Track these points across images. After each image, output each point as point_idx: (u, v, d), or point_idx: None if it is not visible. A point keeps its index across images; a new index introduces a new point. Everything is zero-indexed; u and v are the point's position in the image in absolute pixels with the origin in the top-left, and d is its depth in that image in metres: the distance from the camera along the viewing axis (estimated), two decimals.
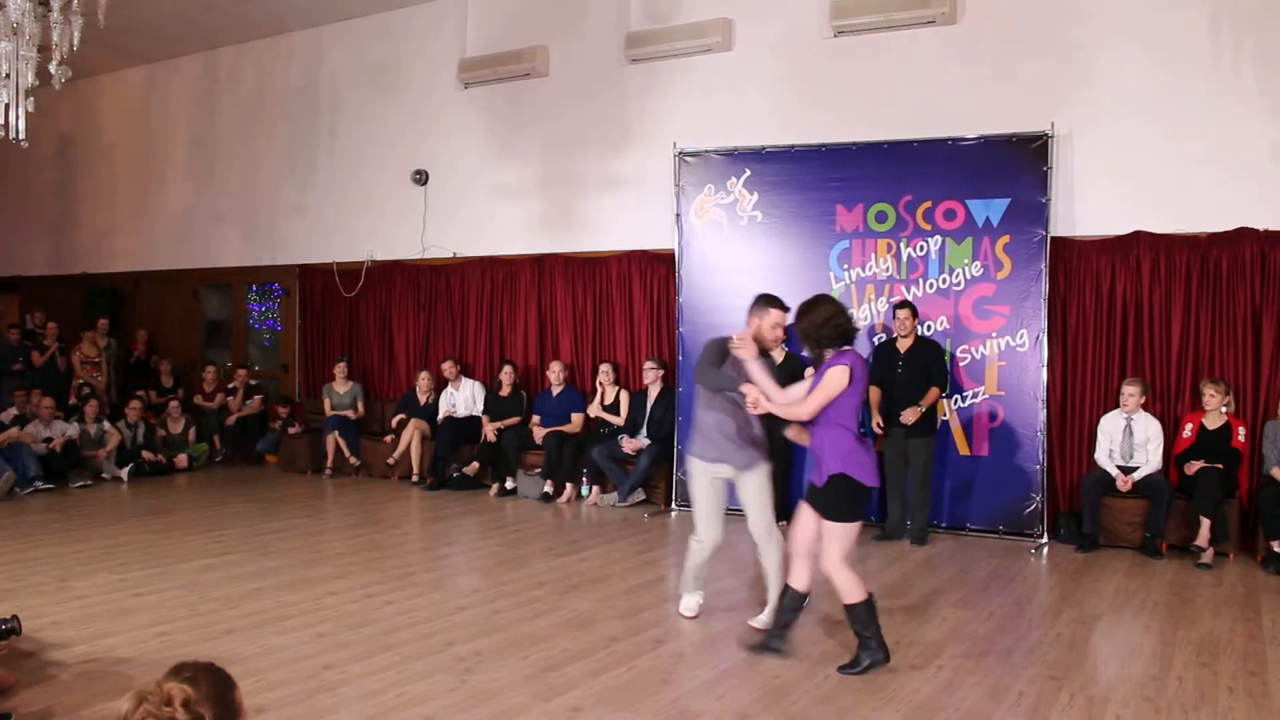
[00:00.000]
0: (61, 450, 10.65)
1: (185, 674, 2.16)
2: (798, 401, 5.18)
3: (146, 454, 11.51)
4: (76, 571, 6.87)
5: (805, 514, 5.20)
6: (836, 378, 5.01)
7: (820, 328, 5.16)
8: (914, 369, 8.30)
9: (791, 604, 5.23)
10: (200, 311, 14.42)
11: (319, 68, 12.96)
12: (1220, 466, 7.60)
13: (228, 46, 13.69)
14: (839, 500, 5.00)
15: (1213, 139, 8.09)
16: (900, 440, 8.34)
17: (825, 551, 5.03)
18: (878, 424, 8.54)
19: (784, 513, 8.95)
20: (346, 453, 11.62)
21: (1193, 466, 7.69)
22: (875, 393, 8.51)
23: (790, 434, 5.53)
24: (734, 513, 5.90)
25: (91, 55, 12.53)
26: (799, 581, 5.20)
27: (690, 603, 5.98)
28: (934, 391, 8.28)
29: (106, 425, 11.35)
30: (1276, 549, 7.31)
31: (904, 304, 8.46)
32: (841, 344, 5.15)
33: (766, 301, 5.74)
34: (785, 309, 5.74)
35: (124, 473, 11.12)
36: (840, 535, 5.01)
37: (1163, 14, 8.27)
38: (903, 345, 8.40)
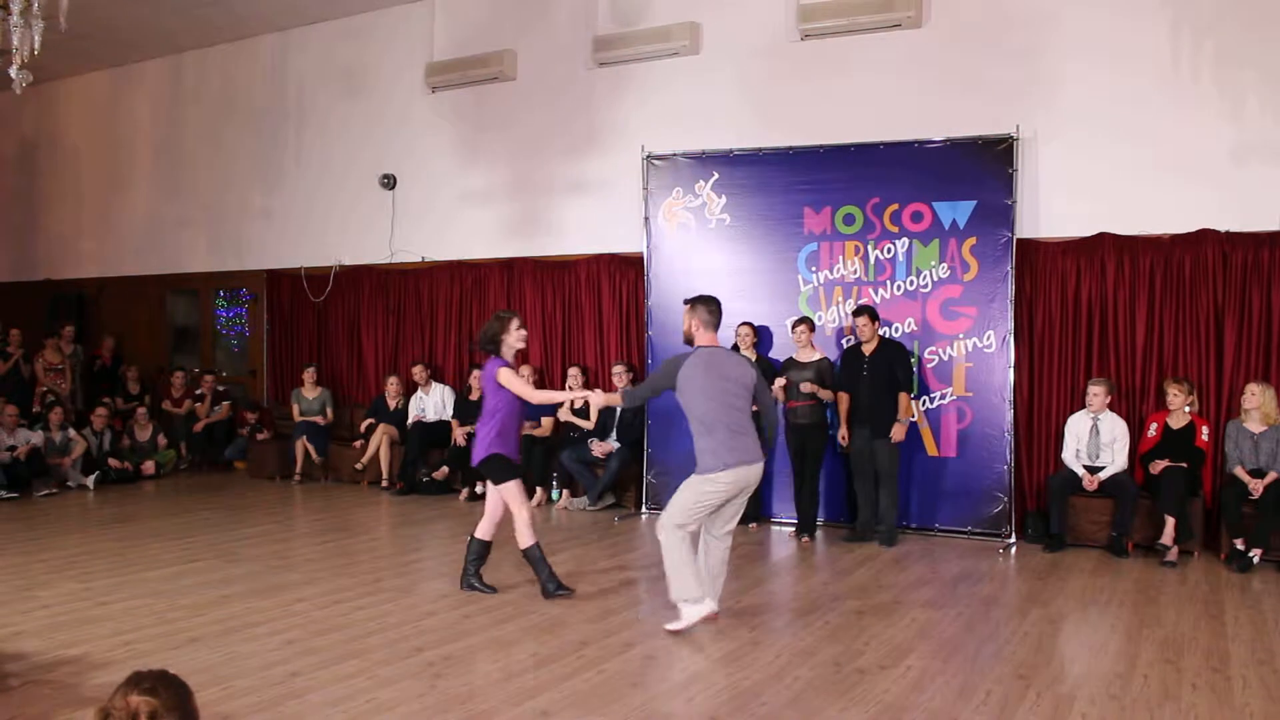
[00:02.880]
0: (26, 459, 10.52)
1: (144, 685, 2.14)
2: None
3: (113, 461, 11.41)
4: (41, 580, 6.79)
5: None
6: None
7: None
8: (878, 372, 8.31)
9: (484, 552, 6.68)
10: (167, 317, 14.30)
11: (285, 72, 12.89)
12: (1185, 465, 7.69)
13: (193, 51, 13.59)
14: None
15: (1174, 142, 8.19)
16: (867, 442, 8.37)
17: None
18: (843, 435, 8.56)
19: (755, 514, 8.99)
20: (315, 459, 11.56)
21: (1158, 466, 7.77)
22: (844, 399, 8.53)
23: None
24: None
25: (54, 59, 12.41)
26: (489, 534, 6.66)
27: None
28: (904, 398, 8.30)
29: (71, 433, 11.24)
30: (1240, 547, 7.40)
31: (862, 310, 8.43)
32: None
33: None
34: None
35: (90, 480, 11.01)
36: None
37: (1124, 19, 8.37)
38: (867, 349, 8.42)
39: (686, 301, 6.05)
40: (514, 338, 6.48)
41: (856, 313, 8.46)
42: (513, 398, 6.40)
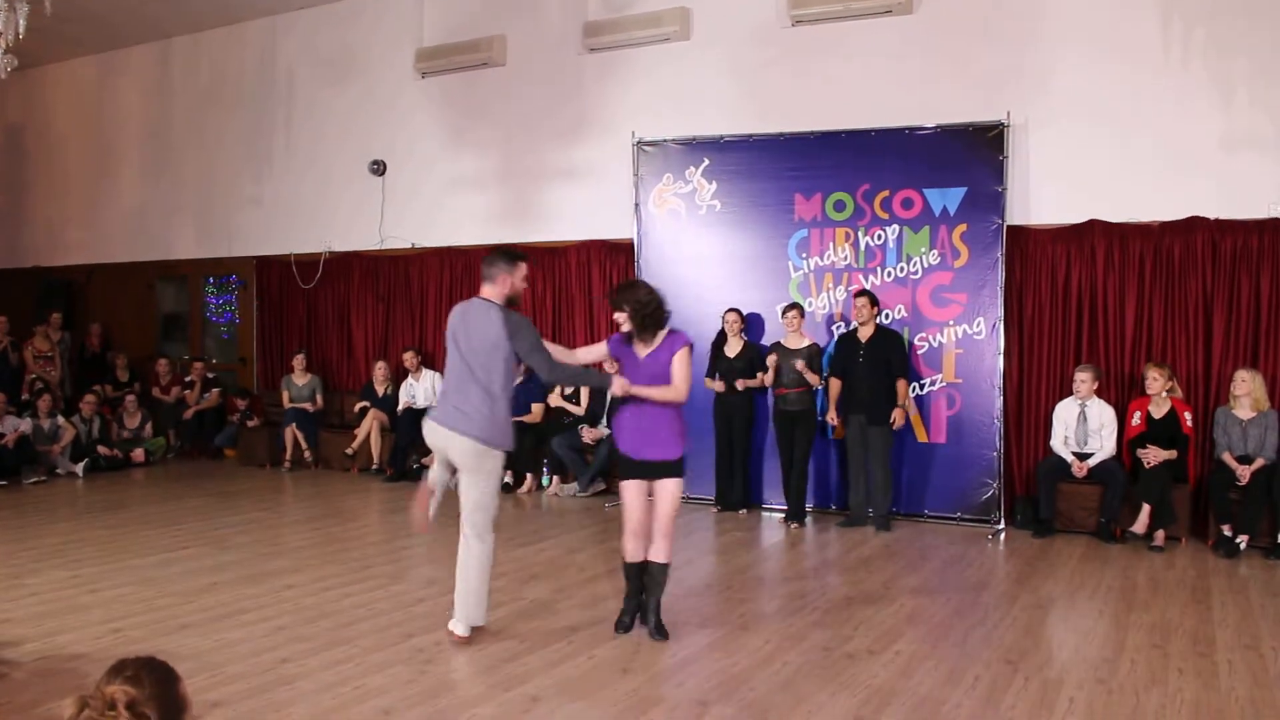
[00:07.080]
0: (14, 446, 10.49)
1: (127, 672, 2.11)
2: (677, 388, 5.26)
3: (102, 449, 11.38)
4: (30, 568, 6.78)
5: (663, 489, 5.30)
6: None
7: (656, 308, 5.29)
8: (875, 359, 8.34)
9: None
10: (156, 304, 14.25)
11: (274, 57, 12.82)
12: (1175, 454, 7.71)
13: (181, 36, 13.51)
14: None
15: (1165, 129, 8.19)
16: (861, 428, 8.39)
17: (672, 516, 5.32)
18: (832, 417, 8.59)
19: (745, 501, 9.02)
20: (304, 446, 11.55)
21: (1150, 455, 7.73)
22: (835, 384, 8.55)
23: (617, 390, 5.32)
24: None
25: (40, 44, 12.35)
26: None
27: None
28: (903, 385, 8.35)
29: (61, 420, 11.21)
30: (1227, 533, 7.44)
31: (862, 292, 8.51)
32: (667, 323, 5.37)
33: (510, 255, 5.58)
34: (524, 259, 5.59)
35: (79, 468, 10.98)
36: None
37: (1116, 7, 8.36)
38: (863, 334, 8.44)
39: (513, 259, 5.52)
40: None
41: (858, 294, 8.50)
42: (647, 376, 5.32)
